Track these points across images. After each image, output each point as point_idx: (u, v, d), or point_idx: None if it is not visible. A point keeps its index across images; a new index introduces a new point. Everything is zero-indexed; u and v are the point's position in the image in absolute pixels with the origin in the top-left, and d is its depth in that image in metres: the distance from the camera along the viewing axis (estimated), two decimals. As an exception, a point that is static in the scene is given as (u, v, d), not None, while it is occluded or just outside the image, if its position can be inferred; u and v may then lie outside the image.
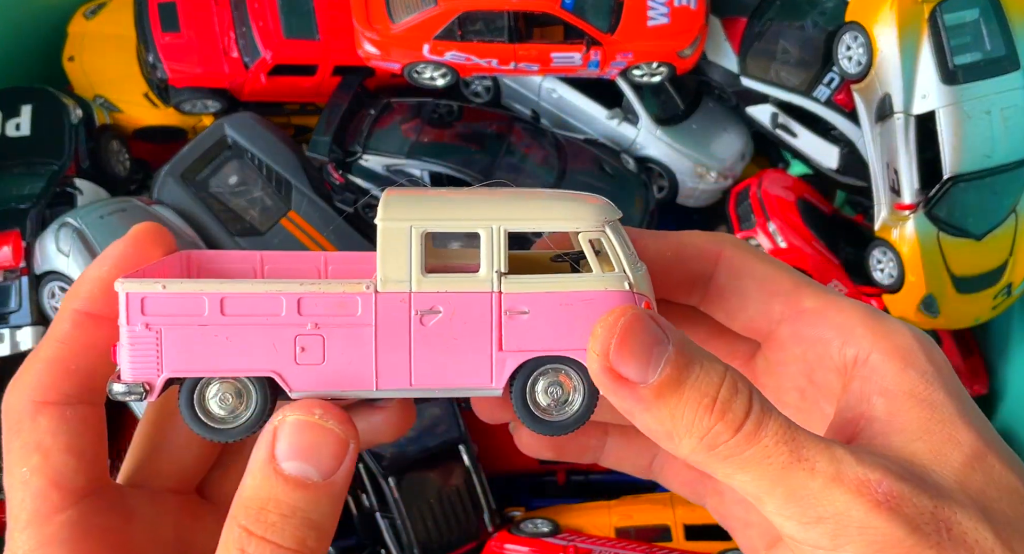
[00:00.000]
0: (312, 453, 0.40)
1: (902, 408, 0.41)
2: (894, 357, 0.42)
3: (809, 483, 0.38)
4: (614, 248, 0.45)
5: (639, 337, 0.40)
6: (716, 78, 1.49)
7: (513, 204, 0.46)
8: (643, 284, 0.46)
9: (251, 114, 1.49)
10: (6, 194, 1.31)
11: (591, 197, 0.47)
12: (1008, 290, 1.34)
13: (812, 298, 0.46)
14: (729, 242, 0.49)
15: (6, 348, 1.24)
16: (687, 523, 1.30)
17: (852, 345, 0.44)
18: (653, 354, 0.39)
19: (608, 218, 0.45)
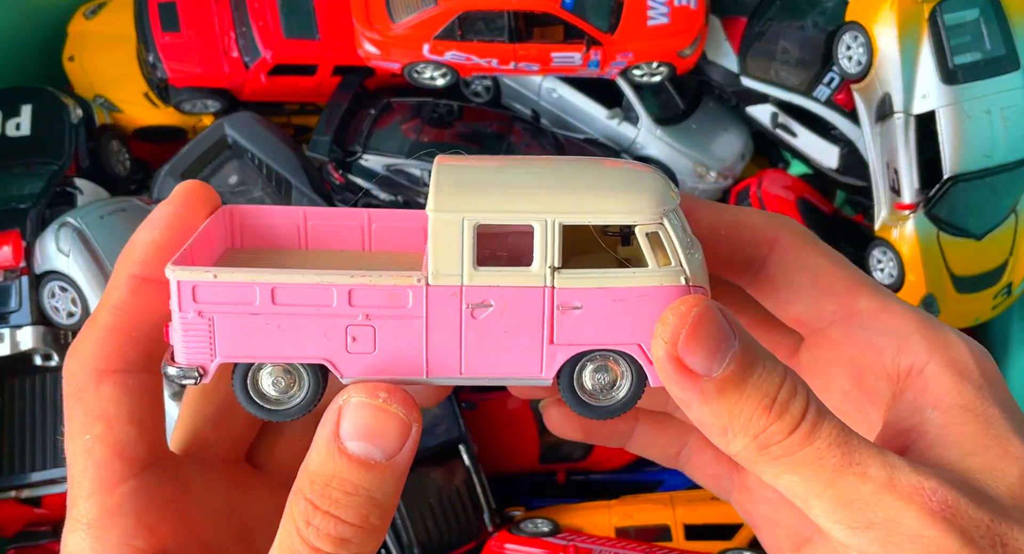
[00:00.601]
0: (376, 434, 0.41)
1: (957, 422, 0.40)
2: (951, 370, 0.41)
3: (860, 487, 0.37)
4: (672, 241, 0.44)
5: (709, 330, 0.39)
6: (716, 78, 1.49)
7: (569, 195, 0.44)
8: (700, 275, 0.44)
9: (251, 114, 1.50)
10: (6, 194, 1.31)
11: (650, 178, 0.45)
12: (1008, 290, 1.34)
13: (867, 299, 0.45)
14: (787, 227, 0.47)
15: (6, 348, 1.24)
16: (687, 523, 1.30)
17: (908, 354, 0.43)
18: (721, 349, 0.39)
19: (667, 207, 0.44)
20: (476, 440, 1.35)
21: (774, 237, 0.46)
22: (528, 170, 0.48)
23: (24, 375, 1.30)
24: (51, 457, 1.28)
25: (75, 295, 1.25)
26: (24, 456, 1.28)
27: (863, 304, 0.45)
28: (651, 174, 0.46)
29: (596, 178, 0.46)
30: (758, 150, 1.61)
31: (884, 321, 0.44)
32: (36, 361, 1.28)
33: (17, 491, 1.29)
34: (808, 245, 0.47)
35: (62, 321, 1.26)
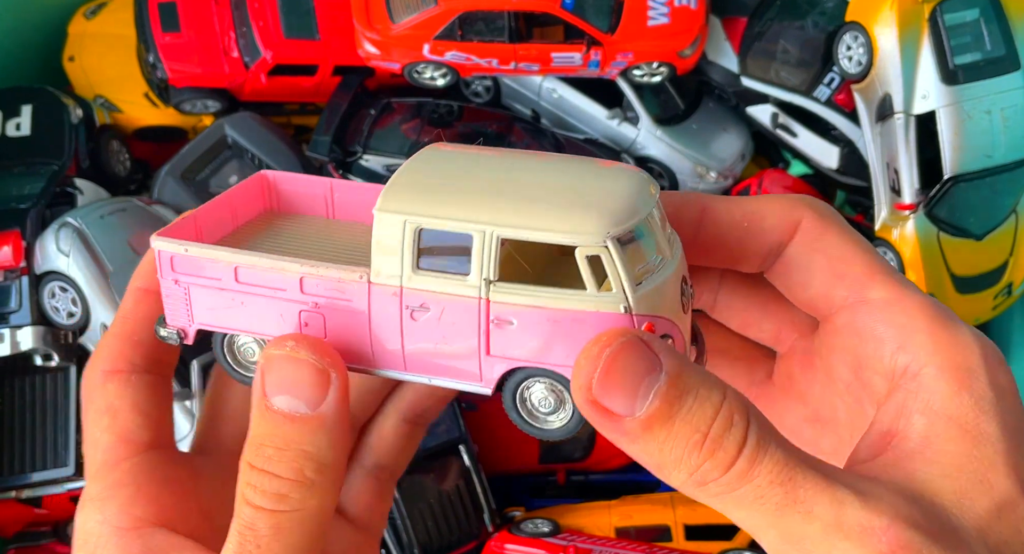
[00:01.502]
0: (294, 386, 0.41)
1: (941, 436, 0.37)
2: (950, 376, 0.38)
3: (806, 528, 0.35)
4: (615, 266, 0.41)
5: (626, 368, 0.37)
6: (716, 78, 1.49)
7: (513, 208, 0.42)
8: (658, 299, 0.42)
9: (251, 114, 1.50)
10: (6, 194, 1.31)
11: (612, 195, 0.42)
12: (1008, 290, 1.34)
13: (881, 287, 0.42)
14: (810, 208, 0.44)
15: (6, 348, 1.24)
16: (687, 523, 1.30)
17: (907, 352, 0.40)
18: (642, 386, 0.36)
19: (617, 230, 0.41)
20: (476, 440, 1.35)
21: (798, 219, 0.44)
22: (494, 174, 0.45)
23: (24, 375, 1.30)
24: (51, 457, 1.28)
25: (75, 295, 1.25)
26: (24, 456, 1.28)
27: (876, 293, 0.42)
28: (619, 187, 0.43)
29: (554, 190, 0.43)
30: (758, 150, 1.61)
31: (893, 313, 0.41)
32: (36, 361, 1.28)
33: (17, 491, 1.29)
34: (830, 226, 0.44)
35: (62, 321, 1.26)
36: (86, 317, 1.25)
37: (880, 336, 0.41)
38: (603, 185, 0.43)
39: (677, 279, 0.44)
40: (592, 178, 0.44)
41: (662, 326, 0.42)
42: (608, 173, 0.45)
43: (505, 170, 0.45)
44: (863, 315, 0.42)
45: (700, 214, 0.45)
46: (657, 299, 0.42)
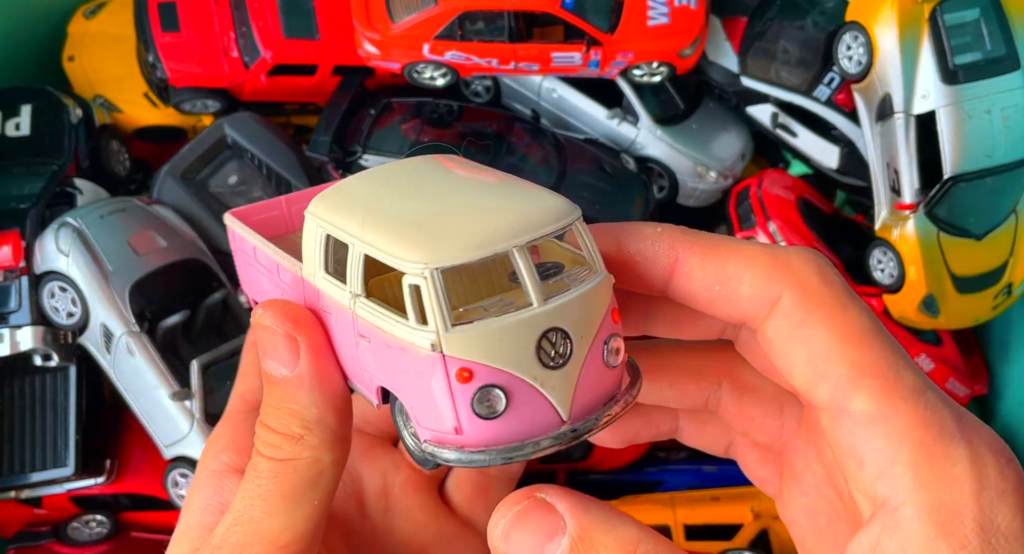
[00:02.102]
0: (271, 352, 0.44)
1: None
2: (929, 519, 0.34)
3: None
4: (431, 301, 0.38)
5: (527, 532, 0.37)
6: (716, 78, 1.49)
7: (378, 227, 0.41)
8: (475, 347, 0.39)
9: (251, 114, 1.49)
10: (5, 194, 1.31)
11: (466, 228, 0.40)
12: (1008, 290, 1.34)
13: (865, 396, 0.36)
14: (794, 283, 0.38)
15: (6, 348, 1.24)
16: (687, 523, 1.30)
17: (887, 483, 0.35)
18: (544, 549, 0.37)
19: (435, 264, 0.38)
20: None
21: (777, 296, 0.38)
22: (417, 194, 0.44)
23: (24, 375, 1.30)
24: (51, 457, 1.28)
25: (75, 295, 1.25)
26: (24, 456, 1.28)
27: (858, 403, 0.36)
28: (496, 221, 0.40)
29: (437, 215, 0.41)
30: (758, 150, 1.61)
31: (875, 435, 0.36)
32: (36, 361, 1.28)
33: (17, 491, 1.29)
34: (813, 310, 0.38)
35: (62, 321, 1.26)
36: (86, 317, 1.25)
37: (860, 458, 0.36)
38: (488, 216, 0.41)
39: (536, 330, 0.39)
40: (494, 207, 0.42)
41: (489, 375, 0.39)
42: (523, 206, 0.42)
43: (433, 191, 0.44)
44: (844, 429, 0.37)
45: (671, 267, 0.41)
46: (490, 345, 0.39)
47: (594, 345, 0.40)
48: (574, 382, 0.40)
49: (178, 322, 1.28)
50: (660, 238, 0.41)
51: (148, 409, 1.25)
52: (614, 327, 0.41)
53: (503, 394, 0.39)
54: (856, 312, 0.37)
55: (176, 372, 1.24)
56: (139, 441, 1.33)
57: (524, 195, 0.43)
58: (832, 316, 0.37)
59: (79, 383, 1.29)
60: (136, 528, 1.37)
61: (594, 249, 0.41)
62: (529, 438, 0.40)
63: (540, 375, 0.39)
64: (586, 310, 0.40)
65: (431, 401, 0.39)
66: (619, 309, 0.42)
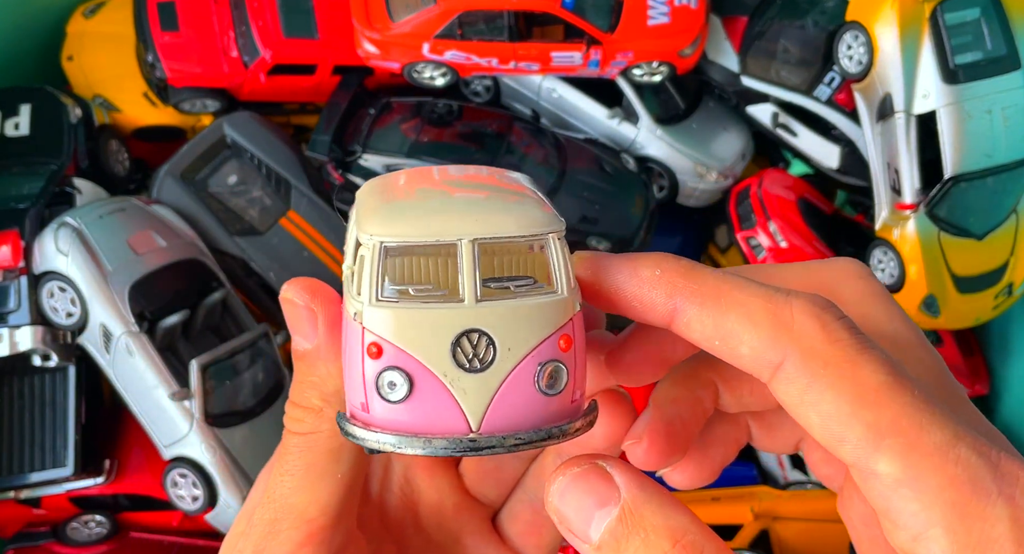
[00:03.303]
0: (296, 325, 0.44)
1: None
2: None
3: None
4: (368, 273, 0.39)
5: (580, 498, 0.37)
6: (716, 77, 1.49)
7: (366, 212, 0.40)
8: (390, 325, 0.38)
9: (250, 114, 1.49)
10: (5, 194, 1.31)
11: (445, 216, 0.39)
12: (1009, 290, 1.34)
13: (889, 459, 0.34)
14: (798, 348, 0.35)
15: (5, 348, 1.24)
16: (687, 523, 1.30)
17: (923, 546, 0.33)
18: (594, 518, 0.37)
19: (379, 237, 0.38)
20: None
21: (779, 359, 0.36)
22: (411, 191, 0.43)
23: (23, 375, 1.29)
24: (50, 457, 1.28)
25: (74, 295, 1.25)
26: (23, 456, 1.28)
27: (882, 467, 0.34)
28: (451, 219, 0.39)
29: (409, 206, 0.41)
30: (758, 150, 1.61)
31: (905, 496, 0.33)
32: (35, 361, 1.28)
33: (16, 491, 1.29)
34: (825, 374, 0.35)
35: (61, 321, 1.26)
36: (85, 317, 1.25)
37: (894, 520, 0.34)
38: (456, 213, 0.39)
39: (456, 325, 0.38)
40: (470, 208, 0.40)
41: (396, 357, 0.38)
42: (499, 210, 0.40)
43: (431, 191, 0.43)
44: (874, 491, 0.35)
45: (670, 316, 0.39)
46: (404, 327, 0.38)
47: (524, 363, 0.38)
48: (492, 393, 0.39)
49: (177, 322, 1.27)
50: (658, 284, 0.39)
51: (147, 409, 1.25)
52: (560, 354, 0.39)
53: (407, 380, 0.38)
54: (869, 368, 0.35)
55: (175, 372, 1.24)
56: (138, 441, 1.33)
57: (511, 203, 0.41)
58: (841, 377, 0.35)
59: (78, 383, 1.29)
60: (135, 528, 1.37)
61: (564, 269, 0.39)
62: (427, 434, 0.39)
63: (451, 373, 0.38)
64: (523, 324, 0.38)
65: (351, 372, 0.39)
66: (588, 344, 0.41)
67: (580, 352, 0.39)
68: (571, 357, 0.39)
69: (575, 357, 0.39)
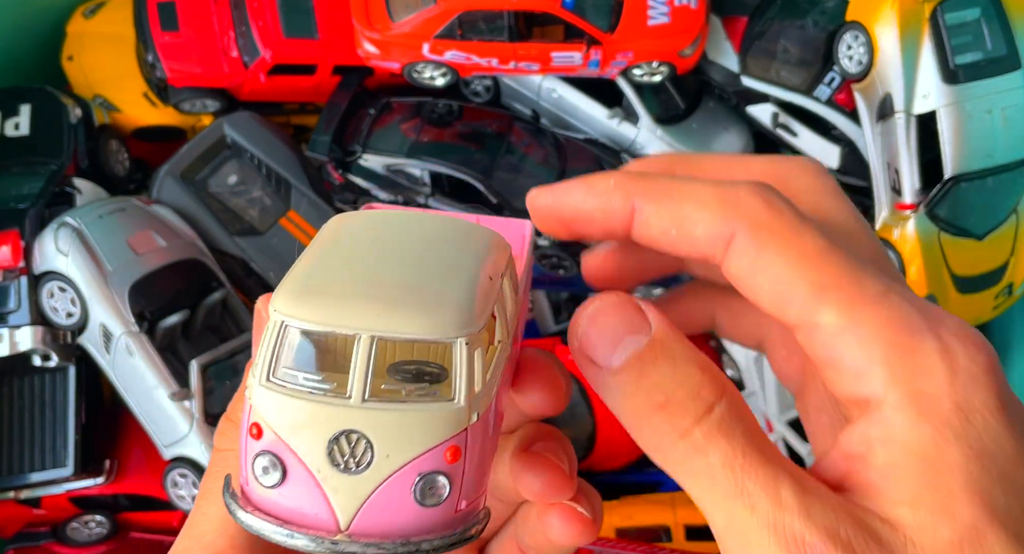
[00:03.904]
0: (256, 336, 0.43)
1: (900, 466, 0.35)
2: (909, 407, 0.36)
3: (747, 520, 0.35)
4: (264, 347, 0.38)
5: (608, 323, 0.39)
6: (716, 77, 1.49)
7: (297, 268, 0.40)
8: (270, 405, 0.36)
9: (251, 114, 1.49)
10: (5, 194, 1.31)
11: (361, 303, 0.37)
12: (1009, 290, 1.34)
13: (831, 312, 0.37)
14: (746, 220, 0.39)
15: (5, 348, 1.24)
16: (688, 523, 1.30)
17: (864, 384, 0.37)
18: (621, 342, 0.38)
19: (286, 319, 0.36)
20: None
21: (730, 233, 0.40)
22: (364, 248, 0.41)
23: (23, 375, 1.29)
24: (50, 457, 1.28)
25: (74, 295, 1.25)
26: (23, 456, 1.28)
27: (825, 318, 0.38)
28: (366, 302, 0.37)
29: (345, 270, 0.40)
30: (758, 150, 1.61)
31: (846, 343, 0.37)
32: (35, 361, 1.28)
33: (16, 491, 1.29)
34: (771, 241, 0.39)
35: (61, 321, 1.26)
36: (85, 317, 1.25)
37: (837, 366, 0.38)
38: (377, 295, 0.37)
39: (335, 424, 0.37)
40: (400, 288, 0.39)
41: (273, 443, 0.37)
42: (417, 297, 0.38)
43: (387, 253, 0.41)
44: (818, 343, 0.38)
45: (629, 217, 0.42)
46: (284, 415, 0.37)
47: (402, 472, 0.37)
48: (365, 496, 0.37)
49: (177, 322, 1.28)
50: (615, 191, 0.42)
51: (147, 409, 1.25)
52: (443, 466, 0.37)
53: (280, 468, 0.37)
54: (810, 235, 0.39)
55: (175, 372, 1.24)
56: (138, 441, 1.33)
57: (432, 292, 0.38)
58: (786, 243, 0.38)
59: (78, 383, 1.29)
60: (135, 528, 1.37)
61: (467, 378, 0.37)
62: (295, 525, 0.37)
63: (325, 470, 0.37)
64: (406, 432, 0.37)
65: (241, 443, 0.38)
66: (483, 461, 0.39)
67: (473, 461, 0.38)
68: (458, 468, 0.37)
69: (464, 467, 0.38)
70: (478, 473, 0.38)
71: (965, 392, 0.35)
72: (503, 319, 0.40)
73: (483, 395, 0.37)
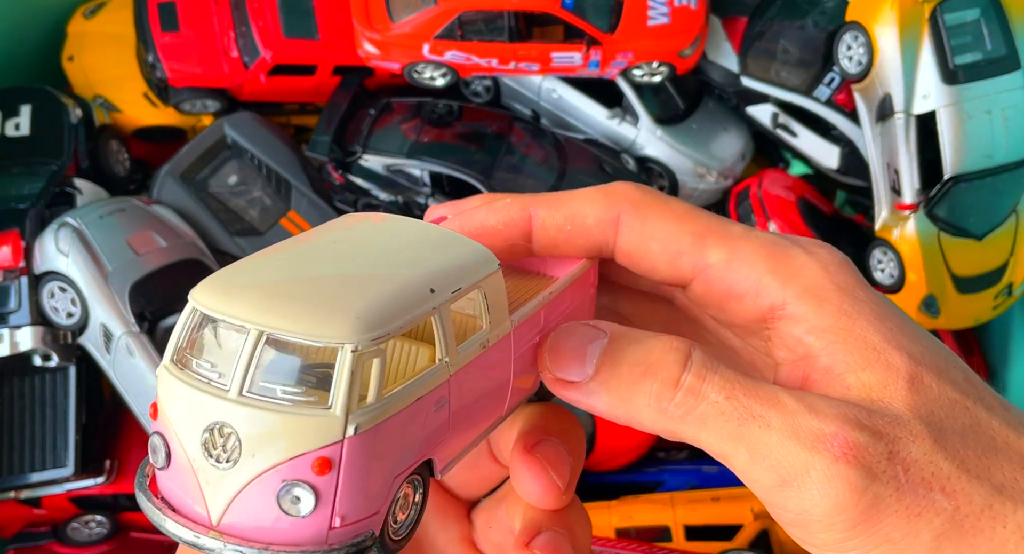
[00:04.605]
0: None
1: (835, 344, 0.41)
2: (806, 298, 0.42)
3: (767, 438, 0.38)
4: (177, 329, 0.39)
5: (570, 342, 0.42)
6: (716, 78, 1.49)
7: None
8: (165, 388, 0.37)
9: (251, 114, 1.49)
10: (5, 194, 1.31)
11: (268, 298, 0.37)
12: (1009, 290, 1.34)
13: (716, 249, 0.44)
14: (626, 202, 0.46)
15: (5, 348, 1.24)
16: (687, 523, 1.30)
17: (765, 296, 0.43)
18: (587, 351, 0.42)
19: (197, 304, 0.37)
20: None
21: (616, 214, 0.46)
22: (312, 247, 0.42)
23: (23, 375, 1.29)
24: (50, 457, 1.28)
25: (74, 295, 1.25)
26: (24, 456, 1.28)
27: (712, 257, 0.44)
28: (275, 296, 0.37)
29: (278, 268, 0.41)
30: (758, 150, 1.61)
31: (735, 269, 0.44)
32: (35, 361, 1.28)
33: (17, 491, 1.29)
34: (650, 212, 0.46)
35: (61, 321, 1.26)
36: (85, 317, 1.25)
37: (738, 292, 0.44)
38: (278, 287, 0.38)
39: (208, 416, 0.36)
40: (321, 286, 0.38)
41: (161, 424, 0.37)
42: (322, 292, 0.38)
43: (318, 253, 0.42)
44: (714, 281, 0.45)
45: (528, 229, 0.47)
46: (171, 398, 0.37)
47: (267, 476, 0.36)
48: (233, 494, 0.36)
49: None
50: (512, 204, 0.47)
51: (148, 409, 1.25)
52: (310, 477, 0.36)
53: (165, 450, 0.37)
54: (676, 202, 0.46)
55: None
56: (139, 441, 1.33)
57: (338, 293, 0.38)
58: (663, 211, 0.45)
59: (79, 383, 1.29)
60: (136, 528, 1.37)
61: (344, 389, 0.35)
62: (172, 510, 0.37)
63: (199, 460, 0.36)
64: (275, 434, 0.36)
65: None
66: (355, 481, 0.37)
67: (354, 478, 0.36)
68: (328, 482, 0.36)
69: (338, 483, 0.36)
70: (362, 492, 0.36)
71: (838, 277, 0.43)
72: (449, 336, 0.39)
73: (378, 410, 0.36)
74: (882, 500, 0.37)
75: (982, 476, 0.38)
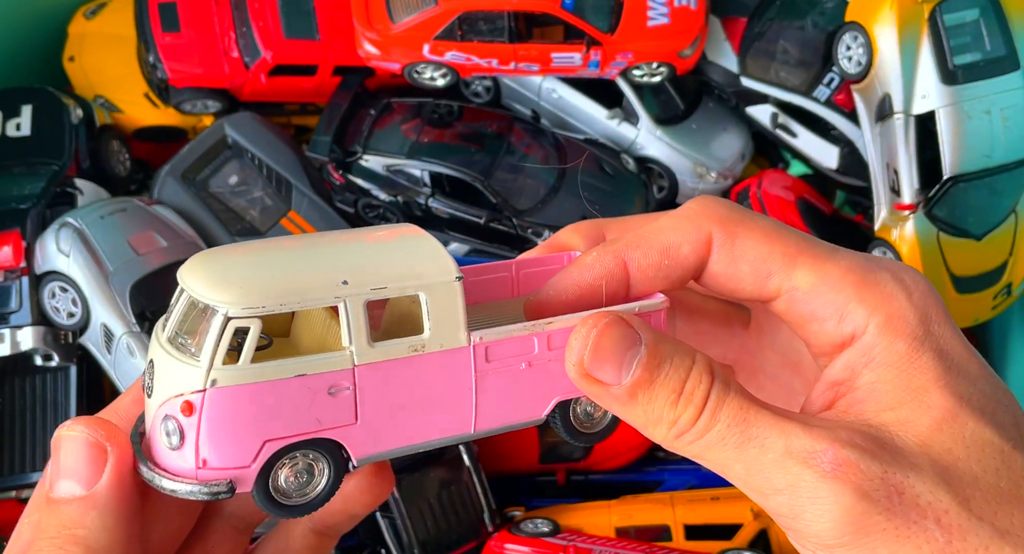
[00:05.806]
0: (71, 468, 0.41)
1: (883, 380, 0.42)
2: (886, 329, 0.43)
3: (762, 458, 0.40)
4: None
5: (612, 345, 0.43)
6: (716, 78, 1.49)
7: None
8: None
9: (251, 114, 1.50)
10: (6, 194, 1.31)
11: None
12: (1008, 290, 1.34)
13: (804, 272, 0.45)
14: (714, 222, 0.46)
15: (6, 348, 1.24)
16: (687, 523, 1.30)
17: (848, 322, 0.44)
18: (625, 358, 0.42)
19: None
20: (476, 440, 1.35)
21: (708, 235, 0.46)
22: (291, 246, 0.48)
23: (24, 375, 1.30)
24: (51, 457, 1.28)
25: (75, 295, 1.25)
26: (24, 456, 1.28)
27: (800, 280, 0.45)
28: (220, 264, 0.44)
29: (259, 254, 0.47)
30: (758, 150, 1.61)
31: (823, 295, 0.44)
32: (36, 361, 1.28)
33: (17, 491, 1.29)
34: (739, 230, 0.46)
35: (62, 321, 1.26)
36: (86, 317, 1.25)
37: (821, 317, 0.45)
38: (226, 258, 0.45)
39: (150, 353, 0.44)
40: (256, 254, 0.46)
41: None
42: (248, 264, 0.44)
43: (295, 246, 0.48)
44: (800, 302, 0.45)
45: (623, 271, 0.47)
46: (158, 330, 0.44)
47: (160, 409, 0.42)
48: (150, 420, 0.43)
49: (178, 322, 1.28)
50: (601, 257, 0.47)
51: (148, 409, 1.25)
52: (179, 416, 0.40)
53: (150, 377, 0.43)
54: (763, 219, 0.47)
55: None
56: (139, 441, 1.33)
57: (262, 266, 0.44)
58: (752, 230, 0.46)
59: (79, 383, 1.30)
60: (136, 528, 1.37)
61: (210, 347, 0.40)
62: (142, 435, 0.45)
63: (146, 388, 0.44)
64: (165, 376, 0.42)
65: None
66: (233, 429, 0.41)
67: (216, 424, 0.40)
68: (191, 423, 0.40)
69: (200, 425, 0.40)
70: (223, 441, 0.40)
71: (922, 305, 0.43)
72: (357, 327, 0.41)
73: (242, 373, 0.40)
74: (870, 517, 0.38)
75: (985, 517, 0.38)
